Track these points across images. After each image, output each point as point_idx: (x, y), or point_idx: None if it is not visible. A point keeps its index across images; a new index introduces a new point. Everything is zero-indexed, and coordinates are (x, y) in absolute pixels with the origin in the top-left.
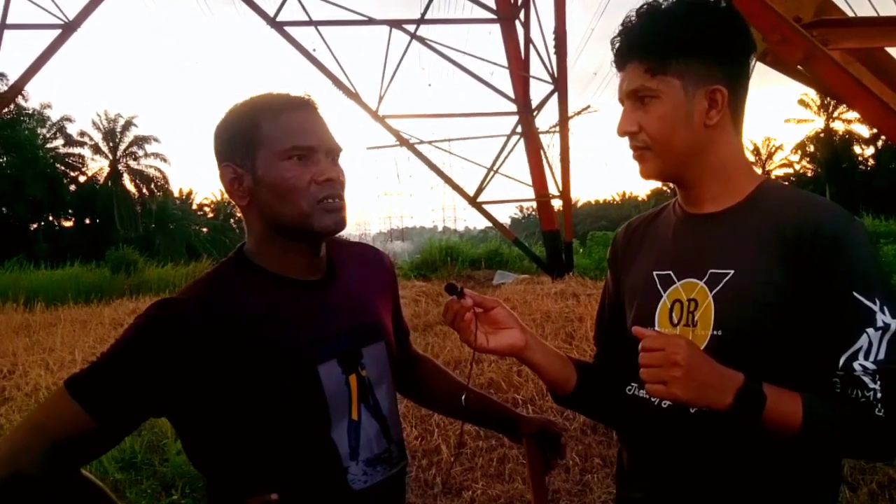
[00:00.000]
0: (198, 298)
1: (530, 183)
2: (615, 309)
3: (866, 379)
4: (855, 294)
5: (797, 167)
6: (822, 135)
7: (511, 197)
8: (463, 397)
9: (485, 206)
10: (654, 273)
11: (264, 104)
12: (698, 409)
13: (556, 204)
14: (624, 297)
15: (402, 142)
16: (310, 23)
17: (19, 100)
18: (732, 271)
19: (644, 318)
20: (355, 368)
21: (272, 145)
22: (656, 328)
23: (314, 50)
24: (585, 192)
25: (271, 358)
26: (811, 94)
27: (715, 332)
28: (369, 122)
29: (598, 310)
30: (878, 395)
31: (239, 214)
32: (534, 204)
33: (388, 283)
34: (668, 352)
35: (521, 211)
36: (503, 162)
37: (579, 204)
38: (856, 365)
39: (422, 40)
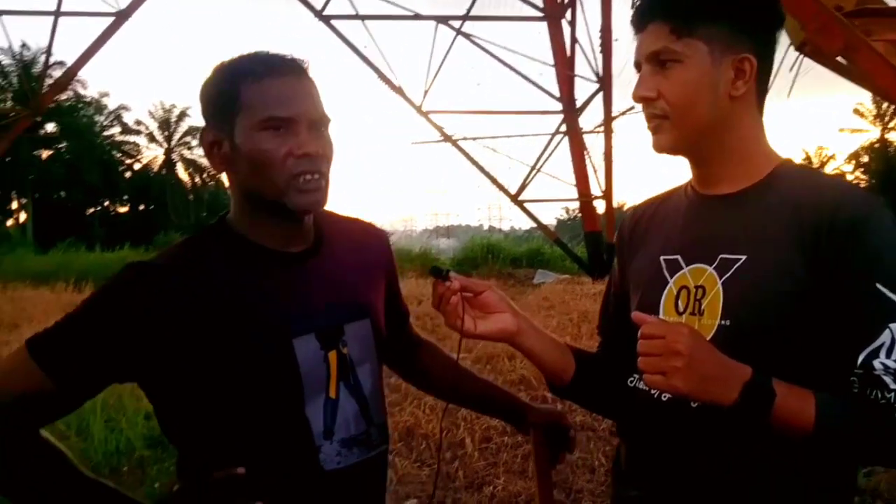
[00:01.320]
0: (170, 263)
1: (573, 183)
2: (620, 297)
3: (887, 379)
4: (878, 286)
5: (850, 178)
6: (876, 145)
7: (554, 197)
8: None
9: (527, 205)
10: (661, 258)
11: (247, 67)
12: (701, 404)
13: (600, 205)
14: (629, 283)
15: (446, 138)
16: (356, 17)
17: (78, 88)
18: (744, 257)
19: (648, 306)
20: (335, 345)
21: (250, 113)
22: (661, 316)
23: (365, 47)
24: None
25: (244, 328)
26: (866, 104)
27: (723, 322)
28: (415, 117)
29: (603, 298)
30: None
31: None
32: (579, 205)
33: (383, 261)
34: (669, 340)
35: (567, 212)
36: (545, 161)
37: (625, 207)
38: (876, 363)
39: (467, 36)
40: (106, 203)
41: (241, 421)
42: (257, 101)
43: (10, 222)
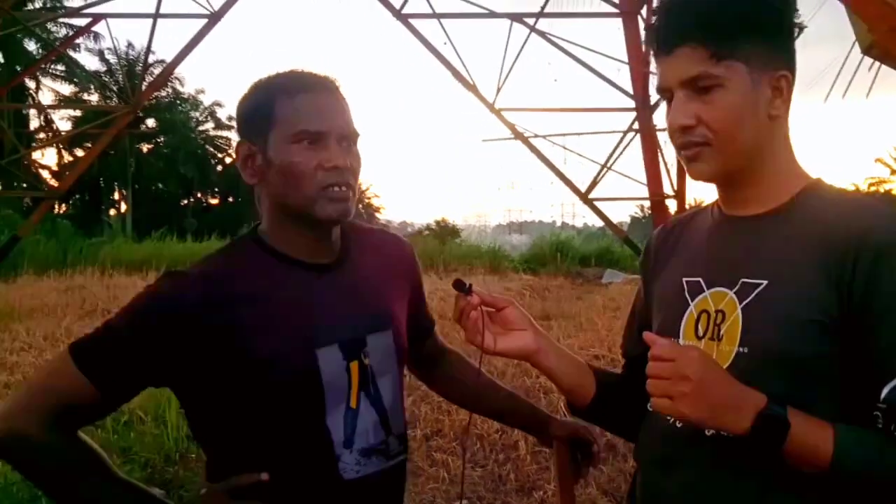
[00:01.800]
0: (204, 273)
1: (645, 181)
2: (643, 317)
3: None
4: None
5: None
6: None
7: (627, 195)
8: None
9: (597, 203)
10: (684, 280)
11: (282, 83)
12: (715, 432)
13: (672, 204)
14: (653, 303)
15: (517, 135)
16: (433, 15)
17: (176, 85)
18: (766, 282)
19: (669, 329)
20: (357, 356)
21: (284, 127)
22: (681, 340)
23: (445, 44)
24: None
25: (270, 338)
26: None
27: (740, 349)
28: (487, 114)
29: (628, 317)
30: None
31: (369, 200)
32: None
33: (407, 272)
34: (679, 364)
35: (642, 210)
36: (617, 159)
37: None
38: None
39: (541, 33)
40: (199, 195)
41: (265, 428)
42: (290, 116)
43: (112, 212)
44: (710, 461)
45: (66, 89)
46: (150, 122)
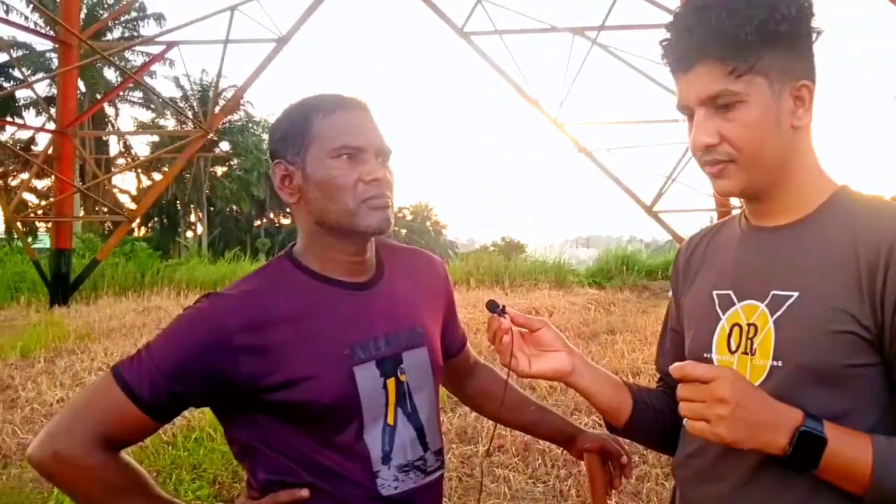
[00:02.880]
0: (242, 295)
1: (711, 192)
2: (676, 332)
3: None
4: None
5: None
6: None
7: (695, 207)
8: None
9: (664, 216)
10: (714, 293)
11: (317, 103)
12: (752, 450)
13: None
14: (684, 318)
15: (580, 149)
16: (495, 32)
17: (248, 108)
18: (797, 293)
19: (701, 344)
20: (394, 373)
21: (322, 143)
22: (714, 355)
23: (513, 60)
24: None
25: (307, 357)
26: None
27: (775, 363)
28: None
29: (661, 333)
30: None
31: (435, 217)
32: (716, 215)
33: (440, 289)
34: (715, 386)
35: (711, 222)
36: (681, 170)
37: None
38: None
39: (603, 47)
40: (271, 215)
41: (304, 445)
42: (329, 132)
43: (189, 234)
44: (750, 472)
45: (145, 116)
46: (224, 146)
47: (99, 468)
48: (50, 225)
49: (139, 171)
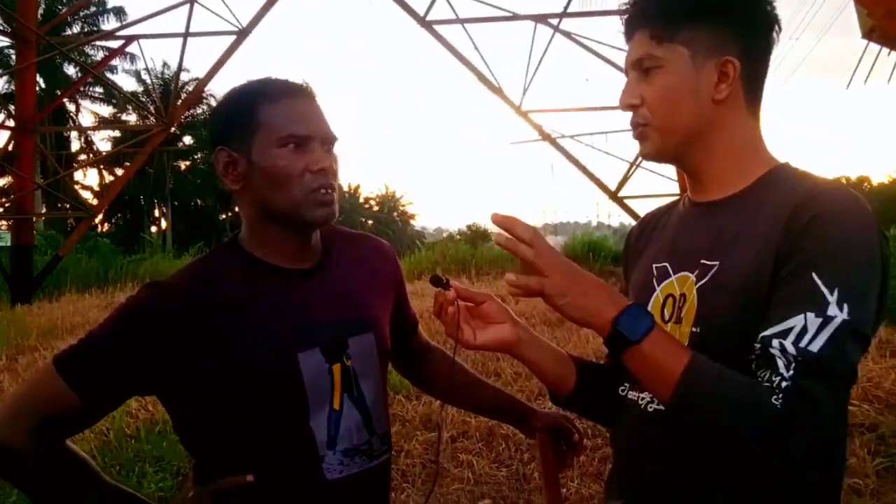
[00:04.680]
0: (183, 283)
1: (674, 178)
2: None
3: (780, 362)
4: (813, 275)
5: None
6: None
7: (659, 192)
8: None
9: (629, 202)
10: (653, 266)
11: (263, 90)
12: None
13: None
14: (629, 293)
15: (544, 136)
16: (457, 21)
17: (212, 102)
18: (718, 263)
19: None
20: (340, 358)
21: (269, 132)
22: None
23: (474, 50)
24: None
25: (251, 344)
26: None
27: (694, 329)
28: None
29: None
30: (785, 384)
31: (403, 207)
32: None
33: (389, 274)
34: (545, 282)
35: None
36: None
37: None
38: (775, 342)
39: (566, 34)
40: (235, 209)
41: (249, 431)
42: (276, 120)
43: (153, 229)
44: (681, 444)
45: (106, 111)
46: (188, 140)
47: (40, 457)
48: (11, 222)
49: (101, 166)
